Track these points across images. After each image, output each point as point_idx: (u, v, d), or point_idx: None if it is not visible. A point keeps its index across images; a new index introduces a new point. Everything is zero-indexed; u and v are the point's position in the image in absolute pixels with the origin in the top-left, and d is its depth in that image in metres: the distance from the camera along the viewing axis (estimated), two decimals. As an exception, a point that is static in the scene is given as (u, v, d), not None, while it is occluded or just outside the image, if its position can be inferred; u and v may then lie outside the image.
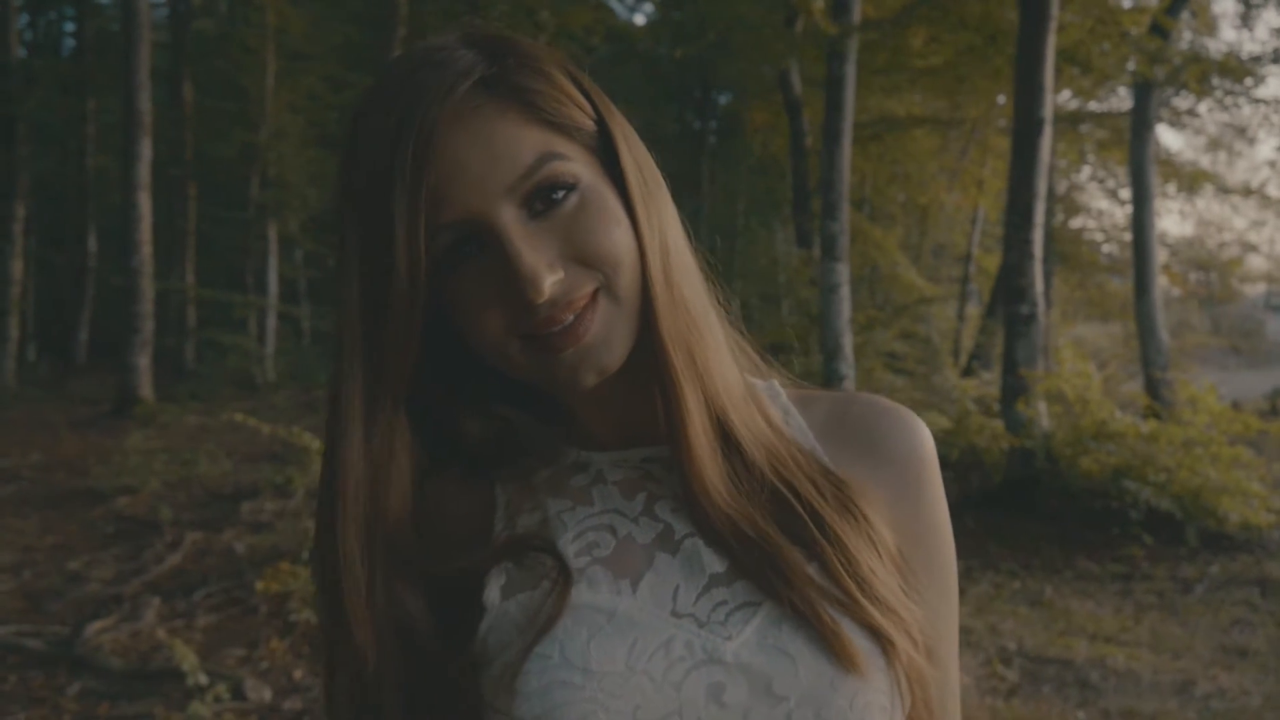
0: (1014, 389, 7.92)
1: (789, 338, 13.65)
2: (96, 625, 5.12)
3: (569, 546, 0.81)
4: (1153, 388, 11.34)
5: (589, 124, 0.80)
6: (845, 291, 9.98)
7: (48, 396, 14.76)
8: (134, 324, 12.56)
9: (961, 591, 5.88)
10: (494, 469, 0.88)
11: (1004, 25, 8.75)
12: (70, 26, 23.44)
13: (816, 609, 0.75)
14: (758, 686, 0.73)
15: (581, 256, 0.75)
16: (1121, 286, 16.69)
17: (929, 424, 6.84)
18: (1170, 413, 8.54)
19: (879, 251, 14.56)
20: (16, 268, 14.67)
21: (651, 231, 0.79)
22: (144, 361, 12.73)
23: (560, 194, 0.75)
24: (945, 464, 8.05)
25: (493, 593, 0.80)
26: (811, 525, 0.79)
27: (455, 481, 0.86)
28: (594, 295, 0.76)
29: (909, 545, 0.84)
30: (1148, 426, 7.44)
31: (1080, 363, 8.25)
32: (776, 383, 0.92)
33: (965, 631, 5.21)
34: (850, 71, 9.47)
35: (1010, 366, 8.02)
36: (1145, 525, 6.92)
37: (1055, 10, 7.91)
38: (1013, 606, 5.72)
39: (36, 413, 13.19)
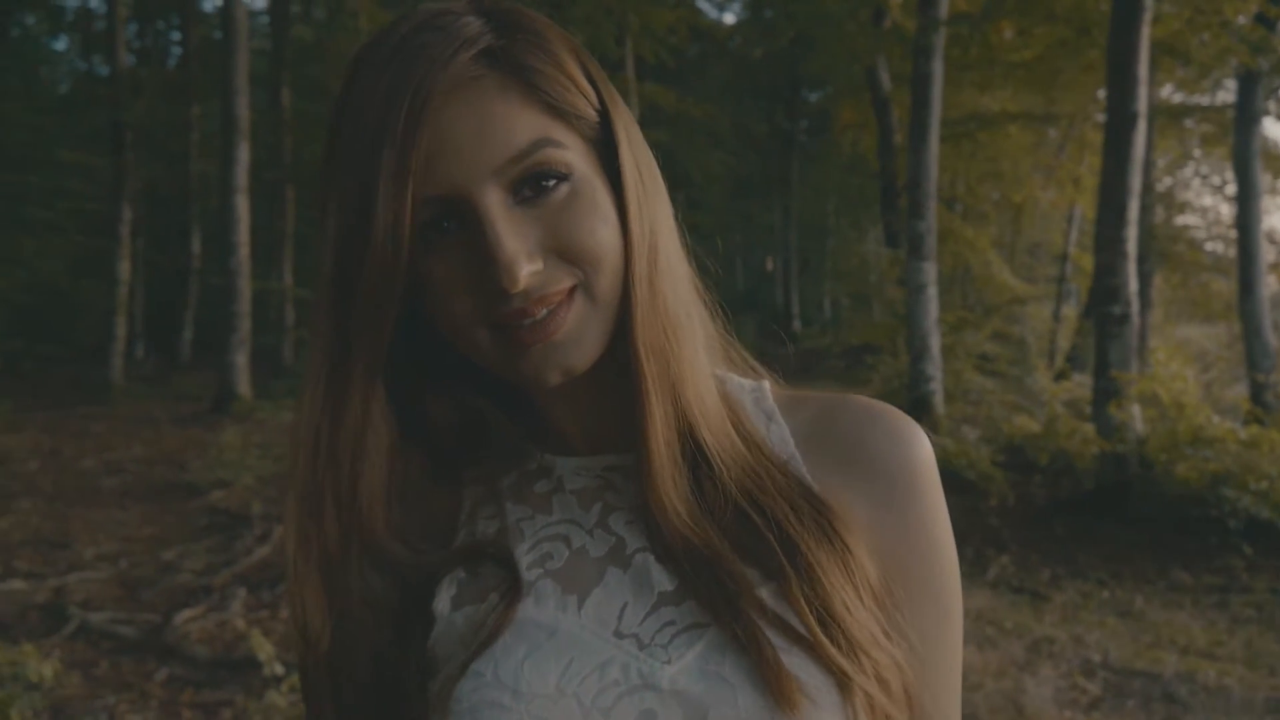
0: (1106, 392, 7.68)
1: (878, 339, 13.50)
2: (185, 614, 5.29)
3: (524, 557, 0.79)
4: (1257, 391, 10.89)
5: (592, 114, 0.76)
6: (932, 292, 9.81)
7: (153, 393, 15.28)
8: (232, 323, 12.95)
9: (1045, 599, 5.73)
10: (462, 466, 0.86)
11: (1096, 17, 8.48)
12: (176, 35, 24.28)
13: (758, 638, 0.70)
14: (692, 715, 0.70)
15: (563, 250, 0.72)
16: (1226, 286, 16.06)
17: (1018, 428, 6.66)
18: (1275, 418, 8.19)
19: (971, 251, 14.25)
20: (124, 269, 15.21)
21: (641, 232, 0.76)
22: (241, 359, 13.10)
23: (551, 182, 0.72)
24: (1034, 468, 7.82)
25: (443, 602, 0.79)
26: (779, 550, 0.74)
27: (423, 475, 0.83)
28: (571, 292, 0.73)
29: (896, 567, 0.78)
30: (1247, 432, 7.14)
31: (1176, 365, 7.97)
32: (767, 385, 0.87)
33: (1048, 641, 5.07)
34: (937, 67, 9.30)
35: (1102, 369, 7.78)
36: (1244, 535, 6.64)
37: (1149, 0, 7.65)
38: (1100, 617, 5.55)
39: (141, 408, 13.67)
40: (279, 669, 4.37)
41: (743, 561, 0.74)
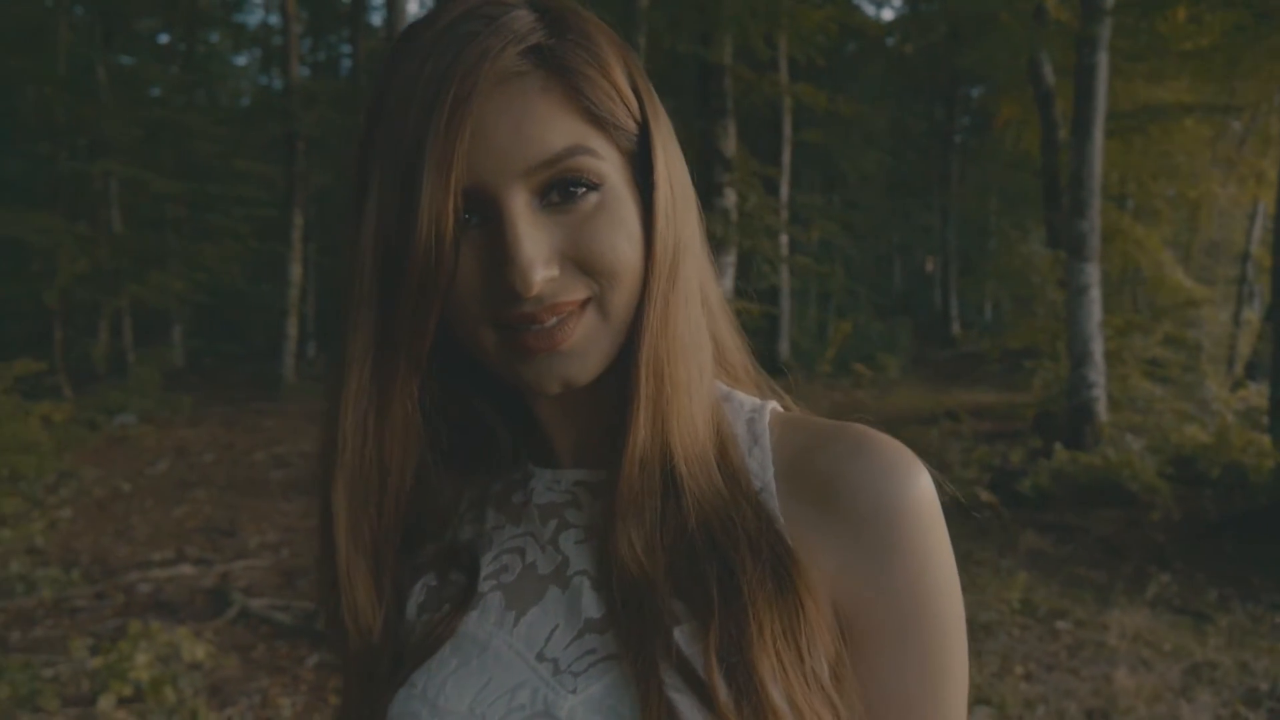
0: (1285, 401, 7.20)
1: (1037, 343, 12.99)
2: (337, 604, 5.51)
3: (486, 566, 0.80)
4: None
5: (631, 125, 0.75)
6: (1095, 294, 9.38)
7: (320, 390, 15.99)
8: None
9: (1210, 621, 5.40)
10: (465, 466, 0.86)
11: (1276, 1, 7.94)
12: (347, 48, 25.37)
13: (650, 680, 0.68)
14: None
15: (582, 261, 0.71)
16: None
17: (1187, 438, 6.25)
18: None
19: (1140, 250, 13.55)
20: (296, 271, 15.96)
21: (664, 252, 0.74)
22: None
23: (580, 190, 0.71)
24: (1204, 481, 7.37)
25: (412, 607, 0.80)
26: (715, 592, 0.70)
27: (432, 471, 0.83)
28: (583, 304, 0.72)
29: (867, 622, 0.72)
30: None
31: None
32: (770, 406, 0.83)
33: (1209, 666, 4.77)
34: (1102, 59, 8.89)
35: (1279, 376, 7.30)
36: None
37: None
38: (1271, 642, 5.19)
39: (310, 405, 14.31)
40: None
41: (676, 598, 0.71)
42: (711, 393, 0.80)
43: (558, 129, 0.70)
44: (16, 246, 13.75)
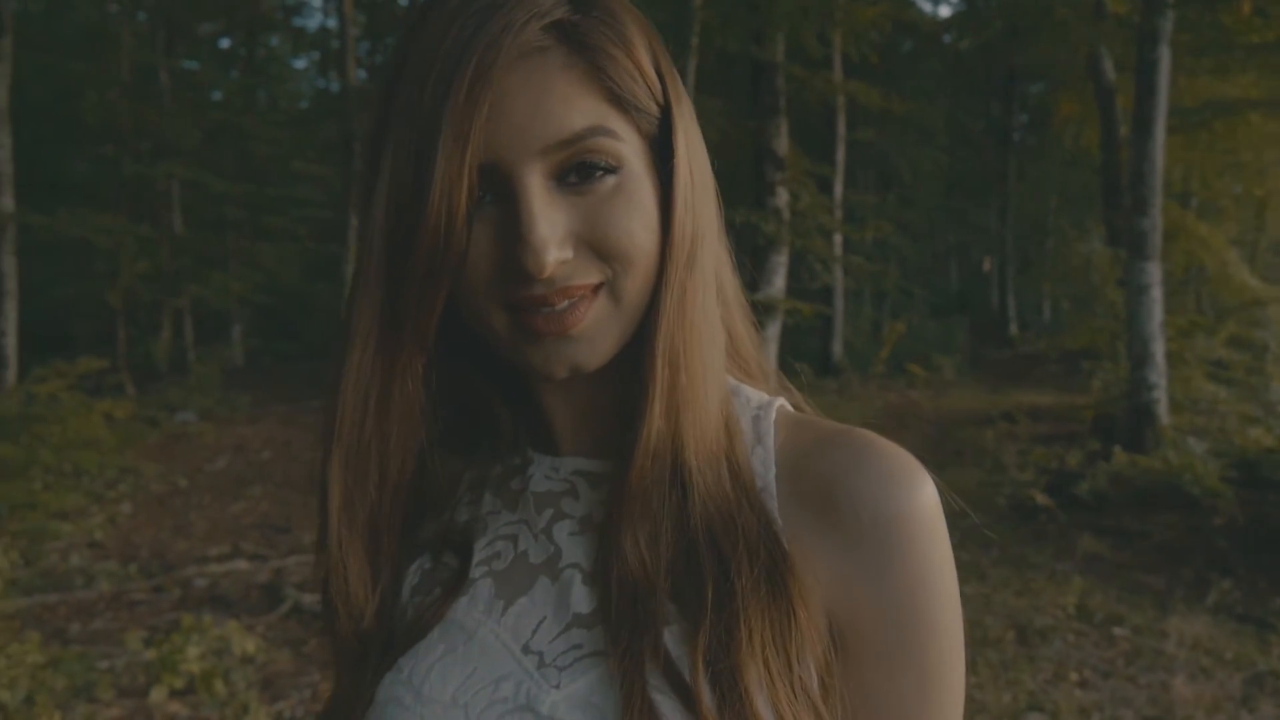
0: (1355, 404, 6.98)
1: (1096, 343, 12.75)
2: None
3: (479, 552, 0.79)
4: None
5: (653, 108, 0.73)
6: (1156, 294, 9.18)
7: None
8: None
9: (1274, 629, 5.25)
10: (466, 447, 0.85)
11: (1347, -8, 7.71)
12: (403, 51, 25.61)
13: (635, 679, 0.67)
14: None
15: (597, 245, 0.70)
16: None
17: (1252, 441, 6.10)
18: None
19: (1205, 249, 13.26)
20: (350, 272, 16.17)
21: (682, 238, 0.73)
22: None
23: (598, 173, 0.69)
24: (1269, 485, 7.18)
25: (405, 589, 0.80)
26: (710, 594, 0.69)
27: (433, 449, 0.82)
28: (596, 289, 0.71)
29: (860, 631, 0.71)
30: None
31: None
32: (778, 403, 0.81)
33: (1273, 676, 4.64)
34: (1164, 53, 8.70)
35: (1350, 378, 7.07)
36: None
37: None
38: (1337, 651, 5.04)
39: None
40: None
41: (671, 598, 0.70)
42: (723, 385, 0.78)
43: (578, 108, 0.68)
44: (82, 247, 14.07)
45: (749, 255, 11.29)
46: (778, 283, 10.01)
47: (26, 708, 3.26)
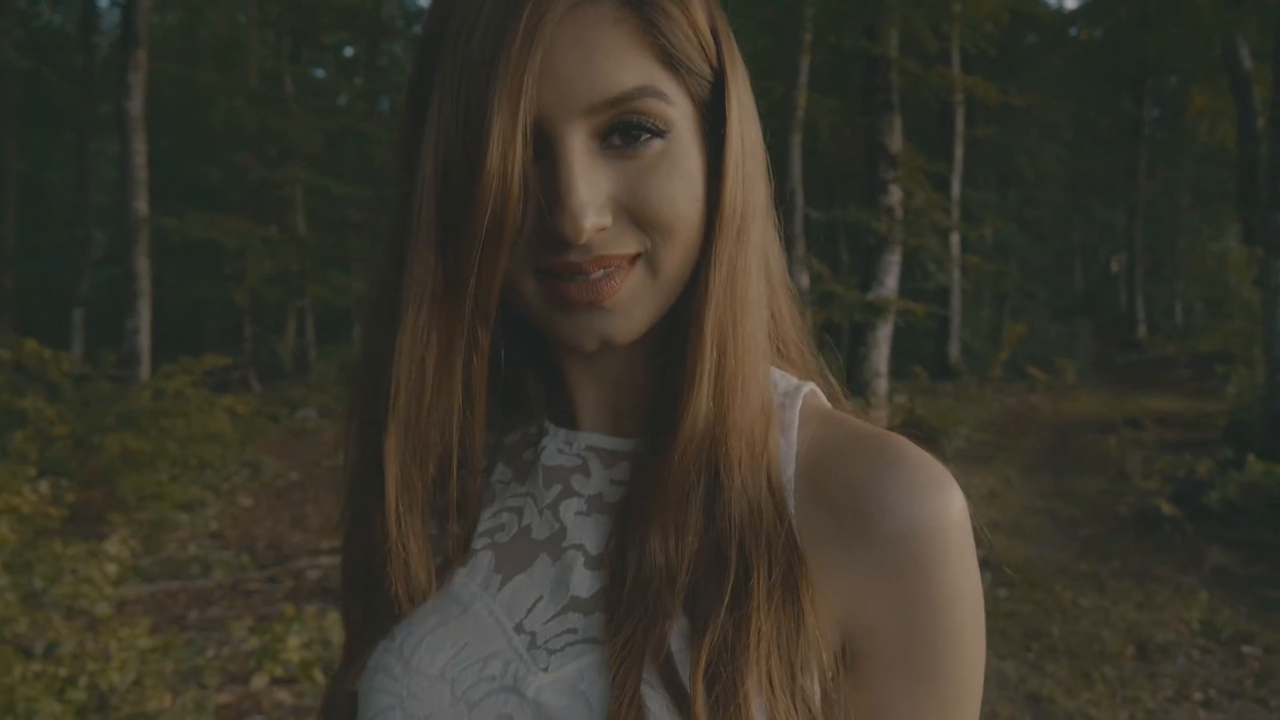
0: None
1: (1230, 346, 12.16)
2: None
3: (484, 522, 0.76)
4: None
5: (707, 71, 0.69)
6: (1296, 293, 8.70)
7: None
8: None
9: None
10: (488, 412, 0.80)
11: None
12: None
13: (630, 672, 0.63)
14: None
15: (637, 213, 0.66)
16: None
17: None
18: None
19: (1351, 247, 12.51)
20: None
21: (733, 211, 0.69)
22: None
23: (644, 136, 0.65)
24: None
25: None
26: (727, 595, 0.65)
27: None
28: (633, 259, 0.67)
29: (878, 641, 0.66)
30: None
31: None
32: (807, 389, 0.76)
33: None
34: (1305, 40, 8.23)
35: None
36: None
37: None
38: None
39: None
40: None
41: (688, 591, 0.66)
42: (767, 370, 0.73)
43: (628, 66, 0.64)
44: (212, 249, 14.65)
45: (860, 255, 11.11)
46: (889, 283, 9.81)
47: (136, 690, 3.38)
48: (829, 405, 0.78)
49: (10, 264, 15.00)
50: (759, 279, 0.72)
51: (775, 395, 0.75)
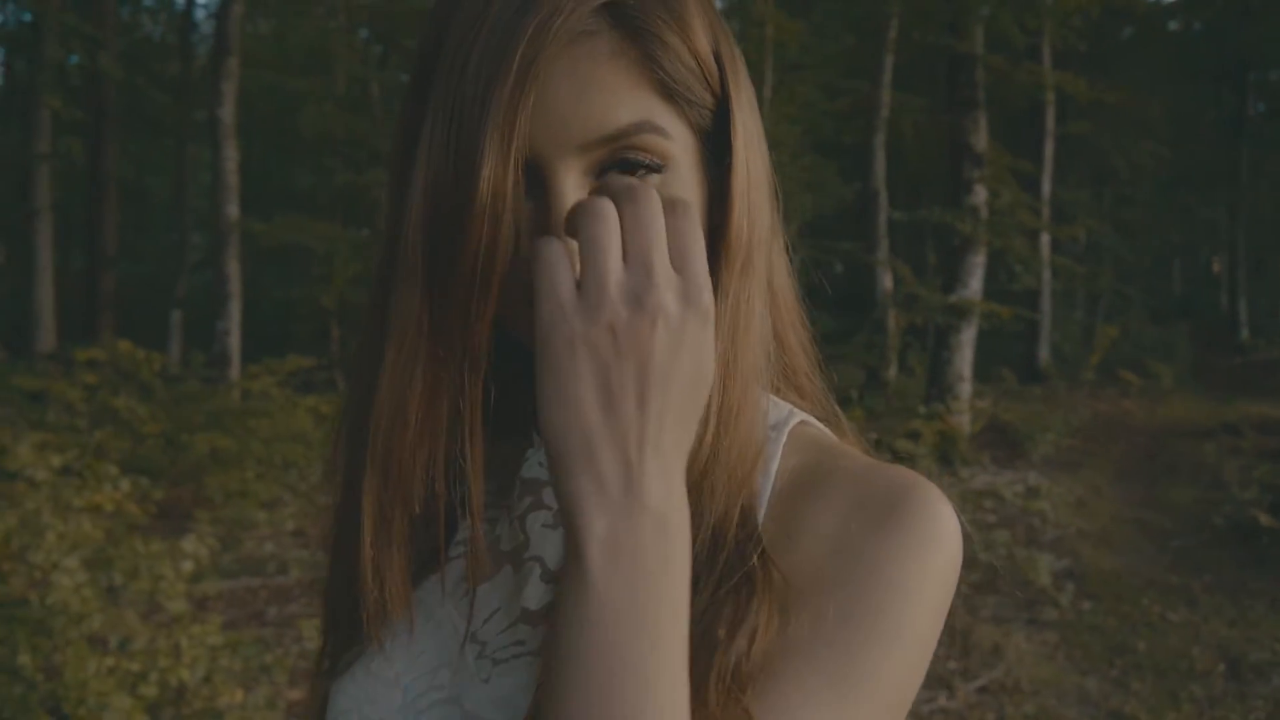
0: None
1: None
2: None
3: (461, 531, 0.76)
4: None
5: (709, 100, 0.67)
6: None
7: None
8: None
9: None
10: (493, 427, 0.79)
11: None
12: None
13: None
14: None
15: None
16: None
17: None
18: None
19: None
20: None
21: (739, 244, 0.67)
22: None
23: (640, 172, 0.64)
24: None
25: None
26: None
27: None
28: None
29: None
30: None
31: None
32: (799, 420, 0.75)
33: None
34: None
35: None
36: None
37: None
38: None
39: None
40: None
41: None
42: (762, 402, 0.71)
43: (624, 101, 0.63)
44: (300, 253, 14.99)
45: (943, 256, 10.88)
46: (974, 285, 9.58)
47: (208, 686, 3.44)
48: (824, 435, 0.76)
49: (112, 266, 15.51)
50: (762, 308, 0.71)
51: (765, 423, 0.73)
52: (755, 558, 0.65)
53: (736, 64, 0.69)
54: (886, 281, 13.83)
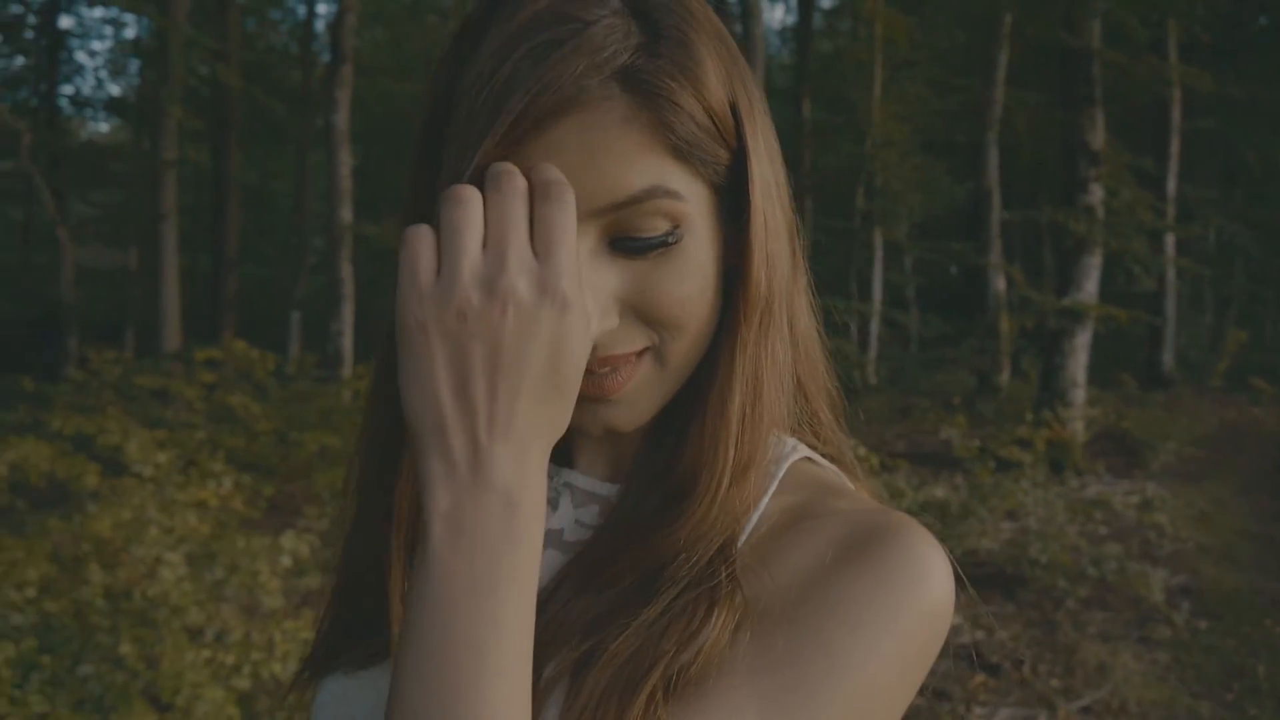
0: None
1: None
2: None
3: None
4: None
5: (724, 156, 0.67)
6: None
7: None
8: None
9: None
10: None
11: None
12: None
13: None
14: None
15: (644, 312, 0.66)
16: None
17: None
18: None
19: None
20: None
21: (757, 298, 0.69)
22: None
23: (654, 237, 0.64)
24: None
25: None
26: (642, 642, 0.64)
27: None
28: (640, 353, 0.67)
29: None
30: None
31: None
32: (798, 459, 0.76)
33: None
34: None
35: None
36: None
37: None
38: None
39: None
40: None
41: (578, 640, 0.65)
42: (773, 442, 0.75)
43: (637, 167, 0.63)
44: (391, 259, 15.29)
45: (1057, 257, 10.52)
46: (1088, 287, 9.24)
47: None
48: (826, 474, 0.77)
49: (235, 269, 16.09)
50: (783, 356, 0.73)
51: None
52: (724, 575, 0.65)
53: (754, 112, 0.69)
54: (999, 284, 13.47)
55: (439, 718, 0.54)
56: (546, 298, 0.58)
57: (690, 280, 0.66)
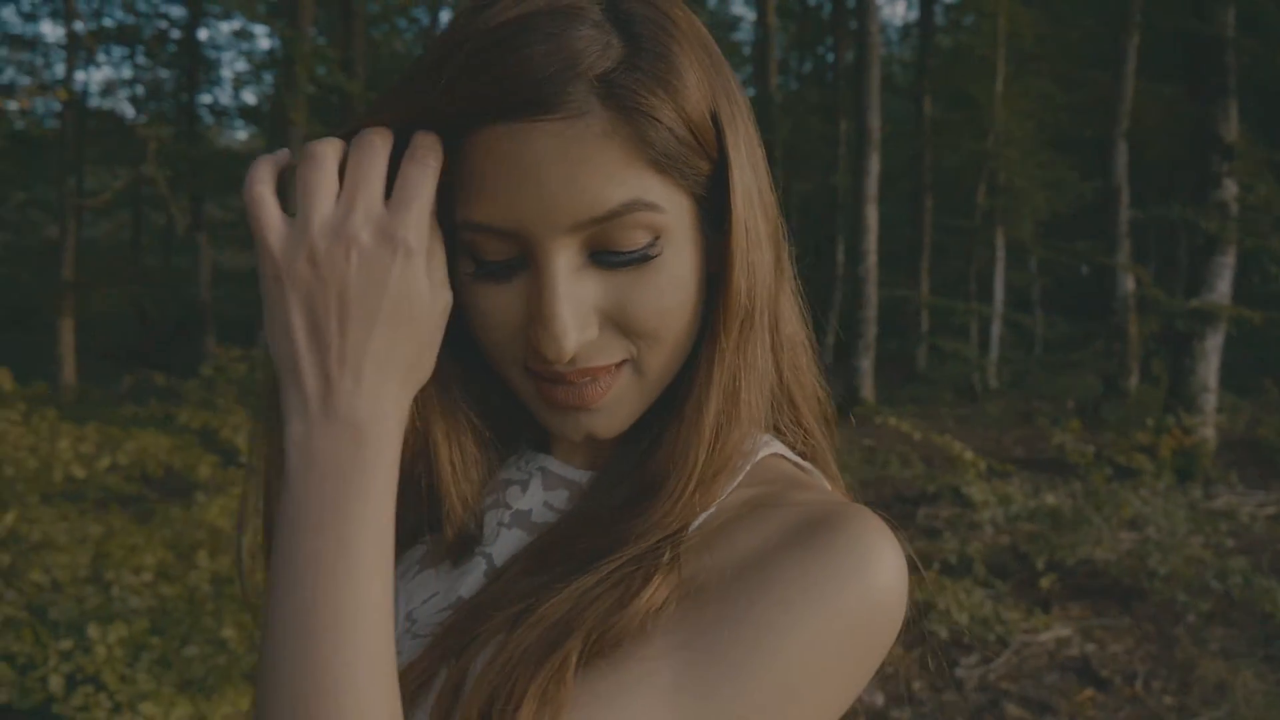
0: None
1: None
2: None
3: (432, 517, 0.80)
4: None
5: (704, 166, 0.68)
6: None
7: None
8: (858, 328, 13.39)
9: None
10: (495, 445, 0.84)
11: None
12: (831, 58, 25.84)
13: (452, 672, 0.65)
14: None
15: (623, 323, 0.67)
16: None
17: None
18: None
19: None
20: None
21: (737, 307, 0.69)
22: (866, 364, 13.47)
23: (633, 251, 0.66)
24: None
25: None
26: (564, 616, 0.65)
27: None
28: (619, 364, 0.69)
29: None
30: None
31: None
32: (768, 454, 0.76)
33: None
34: None
35: None
36: None
37: None
38: None
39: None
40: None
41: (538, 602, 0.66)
42: (747, 445, 0.75)
43: (616, 181, 0.63)
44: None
45: (1190, 256, 10.08)
46: (1220, 288, 8.82)
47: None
48: (794, 471, 0.76)
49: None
50: (765, 363, 0.73)
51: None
52: (667, 553, 0.66)
53: (736, 120, 0.69)
54: (1127, 284, 12.96)
55: (296, 629, 0.56)
56: (388, 244, 0.62)
57: (669, 293, 0.67)
